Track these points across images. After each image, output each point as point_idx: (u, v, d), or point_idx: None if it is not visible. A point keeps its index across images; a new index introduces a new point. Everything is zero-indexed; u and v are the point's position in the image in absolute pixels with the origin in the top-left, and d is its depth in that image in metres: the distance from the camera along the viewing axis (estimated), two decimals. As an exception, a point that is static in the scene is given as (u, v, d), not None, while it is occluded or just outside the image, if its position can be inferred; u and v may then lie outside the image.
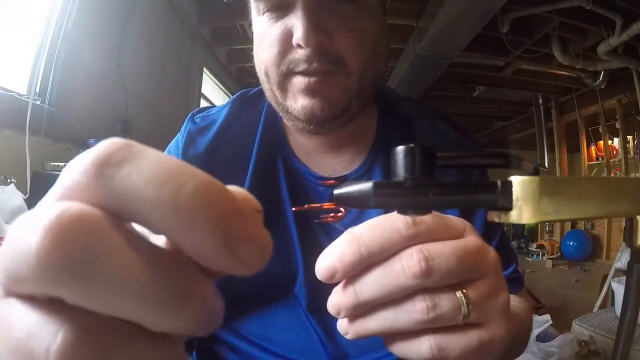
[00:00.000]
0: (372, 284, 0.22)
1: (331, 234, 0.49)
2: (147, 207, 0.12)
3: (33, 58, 1.58)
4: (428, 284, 0.22)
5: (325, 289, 0.48)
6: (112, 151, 0.12)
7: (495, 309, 0.24)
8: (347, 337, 0.24)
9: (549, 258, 4.93)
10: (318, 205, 0.49)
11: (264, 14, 0.45)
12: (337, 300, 0.23)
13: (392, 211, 0.21)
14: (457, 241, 0.23)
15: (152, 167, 0.12)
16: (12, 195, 1.06)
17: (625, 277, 0.23)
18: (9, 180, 1.11)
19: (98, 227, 0.12)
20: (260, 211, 0.14)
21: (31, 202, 1.15)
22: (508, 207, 0.18)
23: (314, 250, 0.47)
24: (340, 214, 0.49)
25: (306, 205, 0.48)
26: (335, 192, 0.19)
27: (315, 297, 0.47)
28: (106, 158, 0.12)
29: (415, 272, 0.21)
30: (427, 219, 0.23)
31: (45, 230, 0.11)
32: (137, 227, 0.13)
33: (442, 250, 0.22)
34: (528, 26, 3.40)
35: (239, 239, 0.12)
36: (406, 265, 0.21)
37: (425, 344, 0.23)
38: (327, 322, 0.46)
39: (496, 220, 0.19)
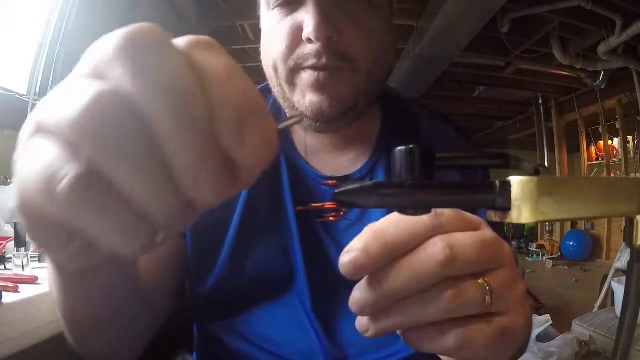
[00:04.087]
0: (397, 275, 0.22)
1: (333, 233, 0.49)
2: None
3: (33, 58, 1.58)
4: (453, 272, 0.22)
5: (327, 289, 0.48)
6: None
7: (514, 299, 0.24)
8: (367, 335, 0.24)
9: (549, 258, 4.93)
10: (320, 204, 0.49)
11: (274, 9, 0.45)
12: (361, 296, 0.23)
13: (394, 210, 0.22)
14: (476, 232, 0.23)
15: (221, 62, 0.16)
16: (12, 195, 1.06)
17: (625, 277, 0.23)
18: (9, 180, 1.11)
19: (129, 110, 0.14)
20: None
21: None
22: (506, 207, 0.18)
23: (315, 249, 0.48)
24: (341, 214, 0.49)
25: (308, 206, 0.48)
26: (337, 191, 0.20)
27: (317, 297, 0.47)
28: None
29: (441, 260, 0.21)
30: (447, 211, 0.23)
31: (89, 97, 0.14)
32: None
33: (464, 239, 0.22)
34: (528, 26, 3.39)
35: (249, 128, 0.15)
36: (431, 254, 0.21)
37: (451, 335, 0.22)
38: (329, 322, 0.46)
39: (495, 220, 0.19)
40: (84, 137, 0.14)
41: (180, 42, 0.16)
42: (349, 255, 0.22)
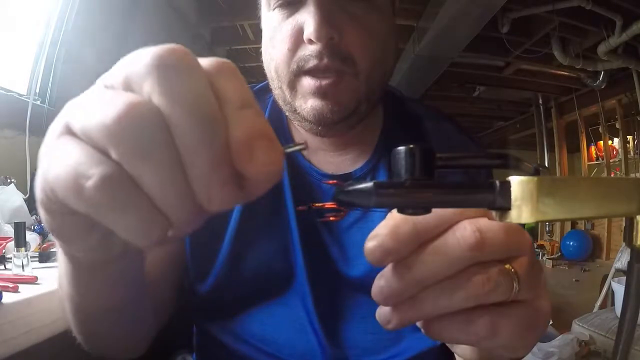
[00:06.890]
0: (426, 260, 0.21)
1: (334, 233, 0.49)
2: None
3: (33, 58, 1.57)
4: (482, 256, 0.21)
5: (329, 289, 0.48)
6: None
7: (538, 286, 0.24)
8: (389, 327, 0.23)
9: (549, 258, 4.93)
10: (320, 204, 0.49)
11: (274, 9, 0.45)
12: (387, 284, 0.22)
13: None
14: None
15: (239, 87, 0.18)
16: (12, 195, 1.06)
17: (625, 277, 0.22)
18: (9, 181, 1.11)
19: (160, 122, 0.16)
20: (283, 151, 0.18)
21: (31, 202, 1.15)
22: (506, 207, 0.18)
23: (316, 249, 0.48)
24: (342, 213, 0.49)
25: (309, 205, 0.48)
26: (336, 191, 0.19)
27: (318, 298, 0.46)
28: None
29: (471, 244, 0.21)
30: None
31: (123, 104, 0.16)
32: None
33: (491, 224, 0.22)
34: (528, 26, 3.39)
35: (258, 147, 0.17)
36: (461, 237, 0.21)
37: (479, 322, 0.22)
38: (331, 322, 0.46)
39: (495, 220, 0.19)
40: (115, 142, 0.15)
41: (206, 64, 0.17)
42: (376, 239, 0.21)
